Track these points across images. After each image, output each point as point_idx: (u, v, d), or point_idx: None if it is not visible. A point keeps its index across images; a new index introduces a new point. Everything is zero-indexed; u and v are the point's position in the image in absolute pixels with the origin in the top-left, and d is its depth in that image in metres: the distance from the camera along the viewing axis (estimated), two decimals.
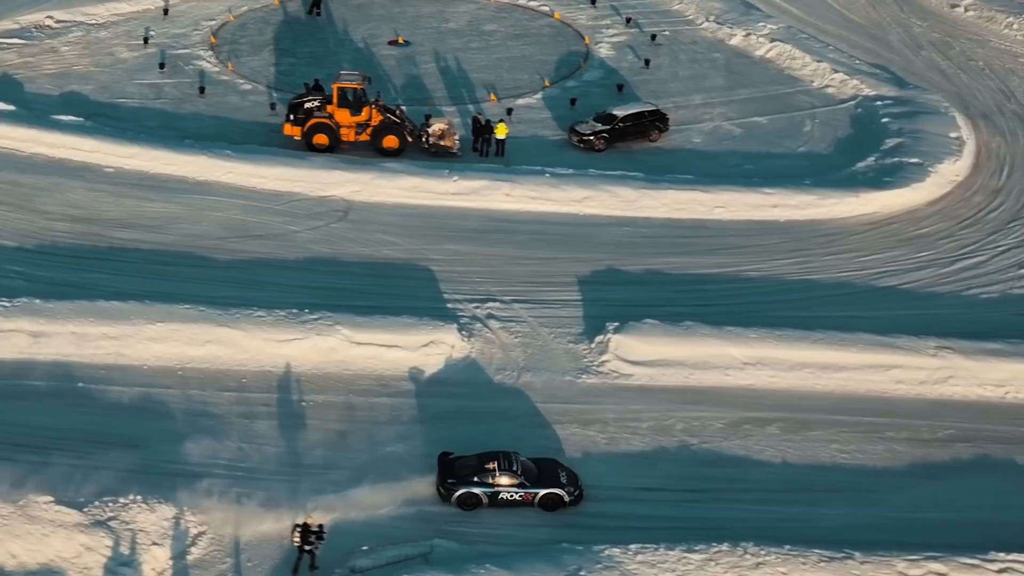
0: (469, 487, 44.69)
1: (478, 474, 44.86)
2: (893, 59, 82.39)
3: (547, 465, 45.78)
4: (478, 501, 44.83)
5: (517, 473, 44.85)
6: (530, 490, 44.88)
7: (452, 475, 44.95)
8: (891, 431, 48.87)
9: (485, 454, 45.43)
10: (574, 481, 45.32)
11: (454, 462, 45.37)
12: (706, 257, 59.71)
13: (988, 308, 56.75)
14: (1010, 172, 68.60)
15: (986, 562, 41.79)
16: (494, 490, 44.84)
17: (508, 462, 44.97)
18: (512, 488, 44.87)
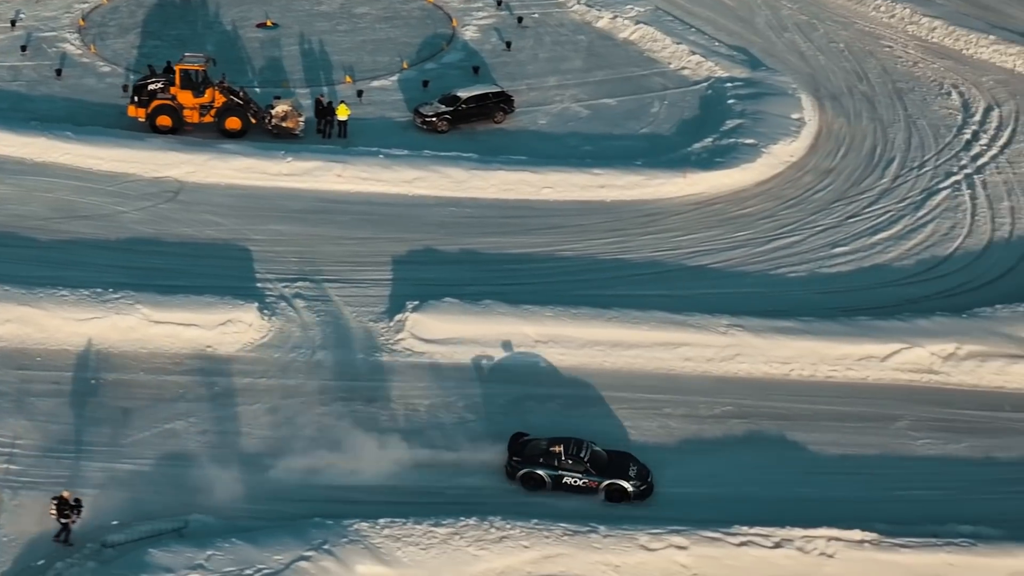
0: (533, 468, 45.36)
1: (544, 456, 45.49)
2: (755, 41, 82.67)
3: (619, 457, 46.11)
4: (541, 483, 45.55)
5: (584, 460, 45.45)
6: (594, 478, 45.39)
7: (519, 455, 45.59)
8: (669, 408, 49.31)
9: (556, 439, 46.10)
10: (643, 476, 45.67)
11: (525, 443, 46.08)
12: (525, 237, 60.00)
13: (794, 287, 57.18)
14: (845, 153, 68.98)
15: (728, 535, 42.04)
16: (558, 474, 45.48)
17: (576, 448, 45.72)
18: (576, 474, 45.44)
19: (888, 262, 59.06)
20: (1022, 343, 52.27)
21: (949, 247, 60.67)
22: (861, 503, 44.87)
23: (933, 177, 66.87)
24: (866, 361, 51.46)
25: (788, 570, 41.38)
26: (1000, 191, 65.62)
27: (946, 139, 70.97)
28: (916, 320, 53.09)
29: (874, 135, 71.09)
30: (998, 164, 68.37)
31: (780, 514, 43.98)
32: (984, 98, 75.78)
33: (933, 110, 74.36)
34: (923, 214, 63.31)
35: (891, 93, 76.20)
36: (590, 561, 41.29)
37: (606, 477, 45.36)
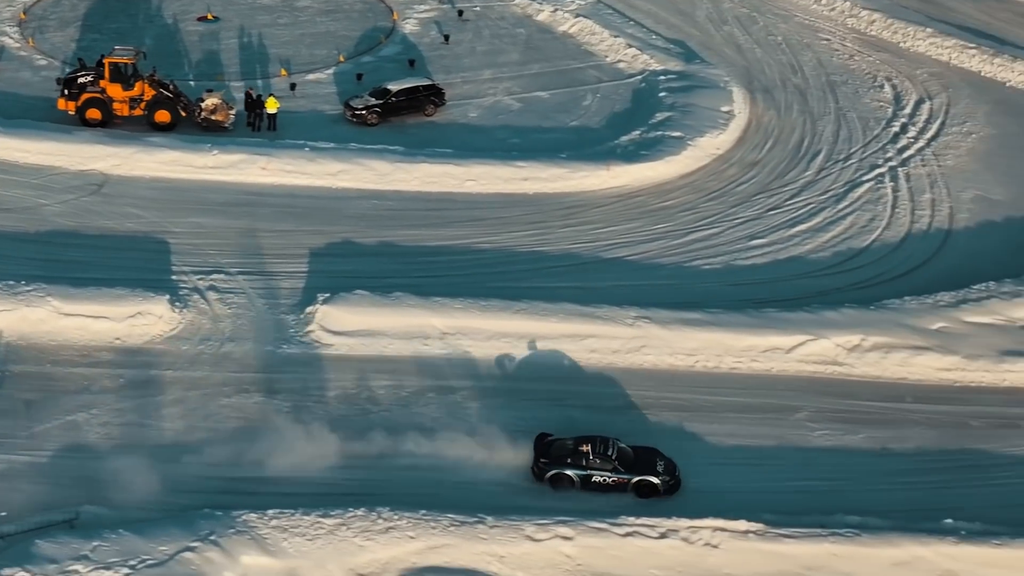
0: (561, 468, 45.28)
1: (571, 456, 45.46)
2: (694, 34, 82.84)
3: (645, 453, 46.03)
4: (570, 482, 45.44)
5: (611, 458, 45.42)
6: (623, 475, 45.38)
7: (546, 456, 45.50)
8: (572, 399, 49.05)
9: (581, 437, 46.03)
10: (671, 471, 45.69)
11: (551, 443, 46.00)
12: (445, 229, 60.13)
13: (708, 279, 57.29)
14: (773, 145, 69.10)
15: (614, 526, 42.17)
16: (587, 473, 45.41)
17: (603, 447, 45.61)
18: (605, 472, 45.44)
19: (804, 254, 59.17)
20: (926, 335, 52.16)
21: (866, 239, 60.80)
22: (753, 494, 44.92)
23: (858, 170, 67.02)
24: (771, 353, 51.52)
25: (672, 560, 41.50)
26: (923, 184, 65.74)
27: (874, 132, 71.08)
28: (824, 312, 53.18)
29: (803, 128, 71.17)
30: (924, 157, 68.48)
31: (671, 505, 43.78)
32: (917, 91, 75.94)
33: (864, 103, 74.44)
34: (844, 206, 63.46)
35: (824, 86, 76.27)
36: (475, 552, 41.39)
37: (635, 473, 45.40)
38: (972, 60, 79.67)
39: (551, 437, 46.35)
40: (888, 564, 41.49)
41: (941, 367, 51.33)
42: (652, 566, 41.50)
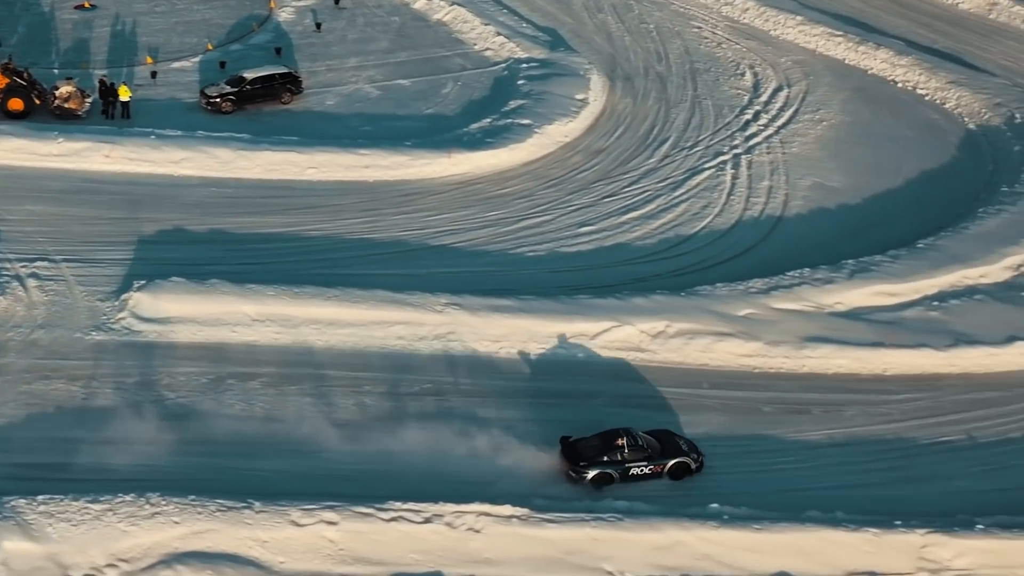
0: (603, 467, 45.22)
1: (607, 453, 45.28)
2: (567, 22, 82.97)
3: (664, 436, 46.08)
4: (611, 479, 45.31)
5: (643, 447, 45.29)
6: (658, 463, 45.28)
7: (581, 457, 45.28)
8: (371, 385, 49.17)
9: (606, 433, 45.94)
10: (695, 448, 45.82)
11: (576, 444, 45.81)
12: (279, 217, 60.17)
13: (530, 265, 57.32)
14: (622, 133, 69.28)
15: (380, 511, 42.22)
16: (625, 466, 45.25)
17: (633, 438, 45.47)
18: (641, 463, 45.32)
19: (630, 241, 59.38)
20: (732, 321, 52.39)
21: (696, 227, 61.03)
22: (530, 478, 44.69)
23: (701, 157, 67.26)
24: (577, 339, 51.58)
25: (433, 545, 41.52)
26: (764, 171, 66.00)
27: (726, 119, 71.32)
28: (633, 299, 53.37)
29: (656, 115, 71.44)
30: (770, 144, 68.68)
31: (452, 490, 43.78)
32: (777, 78, 76.16)
33: (723, 90, 74.70)
34: (680, 194, 63.70)
35: (686, 73, 76.54)
36: (239, 537, 41.38)
37: (668, 458, 45.28)
38: (838, 48, 79.99)
39: (572, 439, 46.12)
40: (648, 548, 41.59)
41: (742, 353, 51.50)
42: (413, 551, 41.46)
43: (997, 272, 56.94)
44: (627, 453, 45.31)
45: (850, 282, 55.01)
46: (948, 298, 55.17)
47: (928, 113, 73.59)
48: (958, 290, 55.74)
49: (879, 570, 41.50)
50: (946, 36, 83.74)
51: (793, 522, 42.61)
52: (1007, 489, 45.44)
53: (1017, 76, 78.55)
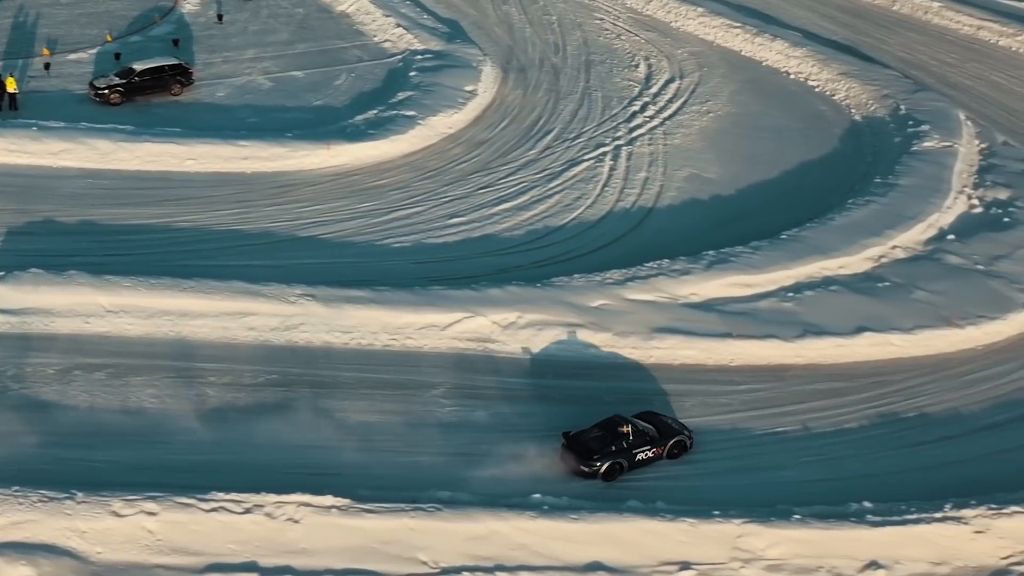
0: (613, 458, 45.17)
1: (614, 443, 45.32)
2: (470, 14, 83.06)
3: (652, 418, 46.42)
4: (622, 468, 45.47)
5: (644, 432, 45.40)
6: (659, 445, 45.48)
7: (590, 451, 45.03)
8: (215, 376, 49.09)
9: (606, 423, 46.04)
10: (684, 426, 46.28)
11: (580, 439, 45.73)
12: (152, 208, 60.12)
13: (395, 257, 57.24)
14: (508, 124, 69.26)
15: (201, 501, 42.32)
16: (631, 453, 45.32)
17: (632, 424, 45.52)
18: (645, 447, 45.45)
19: (498, 232, 59.35)
20: (584, 312, 52.43)
21: (565, 218, 60.93)
22: (361, 468, 44.76)
23: (582, 148, 67.20)
24: (427, 330, 51.64)
25: (251, 535, 41.49)
26: (642, 162, 65.99)
27: (614, 111, 71.19)
28: (489, 290, 53.31)
29: (544, 107, 71.27)
30: (653, 136, 68.66)
31: (282, 481, 43.67)
32: (671, 70, 76.15)
33: (615, 82, 74.63)
34: (555, 185, 63.59)
35: (581, 65, 76.47)
36: (57, 527, 41.28)
37: (666, 439, 45.67)
38: (735, 39, 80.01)
39: (572, 432, 46.15)
40: (464, 538, 41.57)
41: (591, 343, 51.17)
42: (231, 541, 41.38)
43: (857, 263, 56.98)
44: (632, 440, 45.27)
45: (707, 273, 55.01)
46: (804, 289, 55.14)
47: (816, 104, 73.56)
48: (815, 281, 55.70)
49: (692, 560, 41.39)
50: (847, 27, 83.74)
51: (611, 512, 42.10)
52: (834, 479, 45.56)
53: (911, 67, 78.63)
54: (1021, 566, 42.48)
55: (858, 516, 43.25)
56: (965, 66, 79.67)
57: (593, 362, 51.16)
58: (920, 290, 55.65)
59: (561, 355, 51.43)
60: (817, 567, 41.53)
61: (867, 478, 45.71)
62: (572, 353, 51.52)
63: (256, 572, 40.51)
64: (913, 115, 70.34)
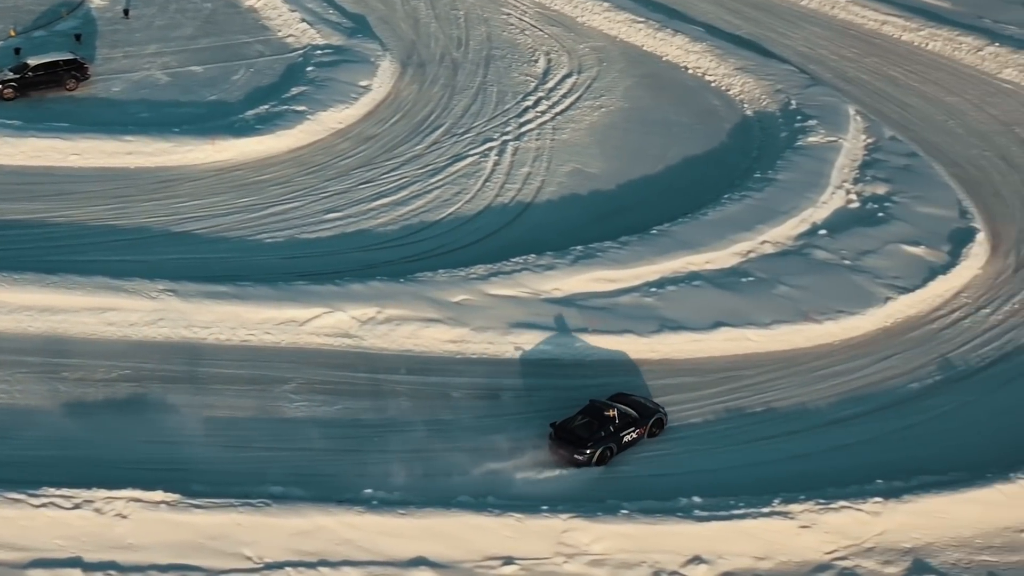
0: (604, 443, 45.61)
1: (603, 428, 45.57)
2: (378, 8, 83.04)
3: (626, 399, 47.08)
4: (613, 452, 45.75)
5: (628, 415, 45.87)
6: (640, 425, 46.24)
7: (581, 439, 45.37)
8: (70, 371, 48.84)
9: (591, 410, 46.40)
10: (656, 404, 47.17)
11: (568, 428, 45.91)
12: (28, 204, 59.88)
13: (267, 252, 57.11)
14: (399, 119, 69.20)
15: (32, 497, 42.06)
16: (619, 436, 45.83)
17: (618, 408, 46.12)
18: (630, 429, 46.00)
19: (373, 228, 59.18)
20: (444, 307, 52.40)
21: (442, 213, 60.72)
22: (200, 463, 44.59)
23: (470, 144, 67.03)
24: (286, 325, 51.45)
25: (79, 531, 41.27)
26: (527, 157, 65.84)
27: (507, 106, 70.89)
28: (351, 285, 53.16)
29: (438, 102, 70.96)
30: (542, 131, 68.49)
31: (114, 476, 43.43)
32: (570, 65, 76.02)
33: (512, 77, 74.49)
34: (436, 180, 63.52)
35: (481, 60, 76.32)
36: None
37: (645, 418, 46.31)
38: (638, 34, 79.96)
39: (558, 423, 46.30)
40: (291, 534, 41.41)
41: (447, 339, 51.44)
42: (58, 537, 41.17)
43: (724, 258, 56.94)
44: (618, 424, 45.69)
45: (572, 268, 54.90)
46: (667, 284, 55.12)
47: (710, 100, 73.47)
48: (680, 276, 55.63)
49: (517, 555, 41.28)
50: (752, 22, 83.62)
51: (438, 507, 41.99)
52: (668, 475, 45.37)
53: (811, 62, 78.49)
54: (844, 561, 41.89)
55: (686, 511, 42.87)
56: (864, 61, 79.20)
57: (447, 357, 50.79)
58: (783, 285, 55.32)
59: (416, 350, 51.34)
60: (640, 562, 41.29)
61: (705, 473, 45.51)
62: (427, 348, 51.32)
63: (80, 568, 40.11)
64: (803, 110, 70.14)
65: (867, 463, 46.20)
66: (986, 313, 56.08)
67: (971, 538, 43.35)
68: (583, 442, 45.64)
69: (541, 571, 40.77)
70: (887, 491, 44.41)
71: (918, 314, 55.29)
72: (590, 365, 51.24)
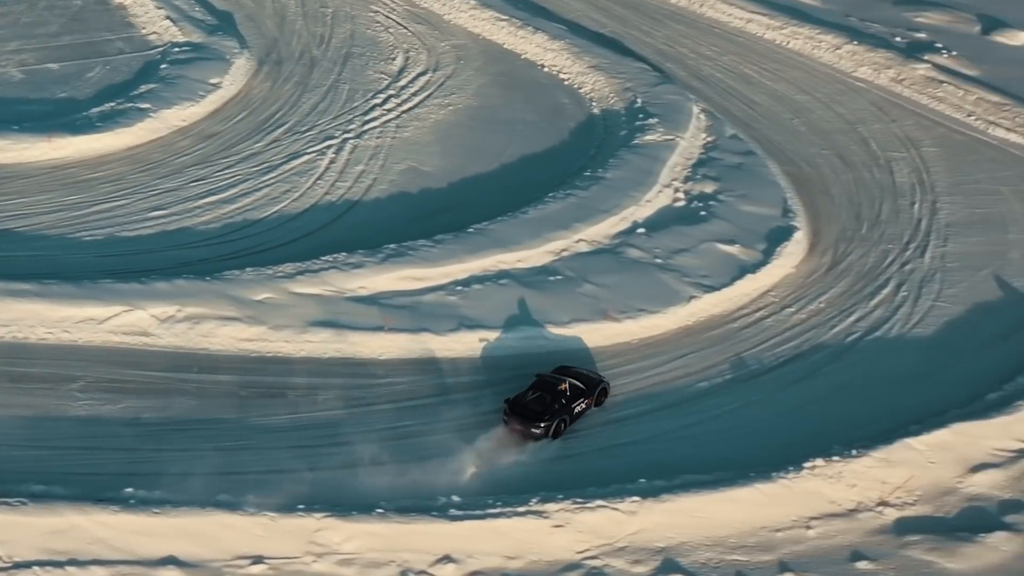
0: (559, 416, 46.67)
1: (556, 402, 46.32)
2: (247, 5, 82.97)
3: (569, 371, 48.21)
4: (565, 424, 46.63)
5: (577, 386, 46.81)
6: (588, 395, 47.26)
7: (535, 414, 46.29)
8: None
9: (542, 384, 47.16)
10: (599, 374, 48.49)
11: (521, 403, 46.53)
12: None
13: (86, 250, 56.83)
14: (244, 118, 68.77)
15: None
16: (570, 408, 46.85)
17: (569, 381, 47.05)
18: (580, 401, 47.12)
19: (195, 226, 58.87)
20: (245, 305, 52.23)
21: (267, 212, 60.42)
22: None
23: (310, 141, 66.69)
24: (84, 323, 51.09)
25: None
26: (364, 155, 65.60)
27: (355, 104, 70.52)
28: (155, 283, 52.86)
29: (287, 100, 70.66)
30: (385, 129, 68.23)
31: None
32: (428, 63, 75.79)
33: (367, 75, 74.19)
34: (268, 178, 63.22)
35: (339, 58, 75.93)
36: None
37: (591, 388, 47.44)
38: (501, 32, 79.62)
39: (513, 398, 47.03)
40: (44, 532, 41.24)
41: (244, 337, 51.19)
42: None
43: (536, 257, 56.77)
44: (570, 396, 46.42)
45: (380, 267, 54.73)
46: (474, 283, 54.77)
47: (561, 98, 73.21)
48: (489, 275, 55.49)
49: (267, 554, 41.14)
50: (618, 20, 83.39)
51: (192, 506, 41.77)
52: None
53: (668, 60, 78.42)
54: (594, 560, 41.82)
55: (441, 510, 42.57)
56: (722, 59, 79.04)
57: (242, 356, 50.53)
58: (589, 284, 55.22)
59: (212, 348, 50.98)
60: (389, 561, 41.26)
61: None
62: (223, 347, 51.06)
63: None
64: (647, 108, 69.99)
65: (635, 462, 46.11)
66: (790, 312, 55.81)
67: (725, 537, 43.12)
68: (539, 416, 46.33)
69: (289, 570, 40.69)
70: (647, 490, 44.03)
71: (722, 313, 55.11)
72: (382, 364, 50.84)
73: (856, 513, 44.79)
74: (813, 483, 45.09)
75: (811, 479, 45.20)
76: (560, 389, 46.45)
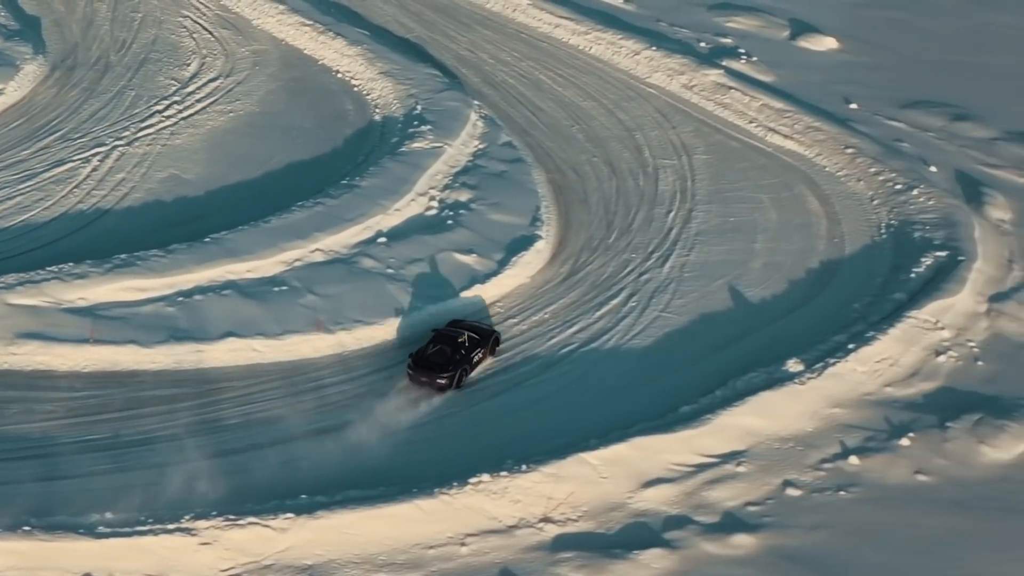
0: (461, 367, 49.23)
1: (456, 353, 48.79)
2: (58, 11, 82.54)
3: (463, 323, 51.36)
4: (466, 373, 49.27)
5: (474, 337, 49.50)
6: (484, 345, 50.31)
7: (438, 366, 48.77)
8: None
9: (440, 338, 49.64)
10: (489, 325, 51.28)
11: (424, 356, 48.70)
12: None
13: None
14: (18, 125, 67.67)
15: None
16: (470, 358, 49.72)
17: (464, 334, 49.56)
18: (478, 350, 49.97)
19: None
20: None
21: (13, 220, 60.07)
22: None
23: (79, 148, 65.60)
24: None
25: None
26: (129, 163, 64.72)
27: (136, 110, 69.35)
28: None
29: (68, 106, 70.39)
30: (158, 136, 67.16)
31: None
32: (221, 69, 74.88)
33: (157, 81, 73.04)
34: (25, 186, 62.86)
35: (135, 64, 75.01)
36: None
37: (485, 339, 50.27)
38: (303, 38, 79.01)
39: (416, 351, 48.76)
40: None
41: None
42: None
43: (268, 266, 55.98)
44: (468, 347, 48.45)
45: (104, 277, 53.89)
46: (197, 293, 53.86)
47: (346, 104, 72.29)
48: (215, 285, 54.74)
49: None
50: (427, 25, 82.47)
51: None
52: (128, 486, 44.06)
53: (464, 65, 77.60)
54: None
55: (90, 528, 41.73)
56: (520, 64, 78.29)
57: None
58: (312, 295, 54.49)
59: None
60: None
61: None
62: None
63: None
64: (424, 115, 69.19)
65: (304, 478, 45.17)
66: (512, 323, 54.90)
67: (376, 555, 42.62)
68: (443, 367, 48.17)
69: None
70: (304, 507, 43.29)
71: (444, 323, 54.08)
72: (86, 376, 49.90)
73: (515, 529, 44.00)
74: (475, 499, 44.28)
75: (474, 495, 44.41)
76: (459, 341, 48.44)
